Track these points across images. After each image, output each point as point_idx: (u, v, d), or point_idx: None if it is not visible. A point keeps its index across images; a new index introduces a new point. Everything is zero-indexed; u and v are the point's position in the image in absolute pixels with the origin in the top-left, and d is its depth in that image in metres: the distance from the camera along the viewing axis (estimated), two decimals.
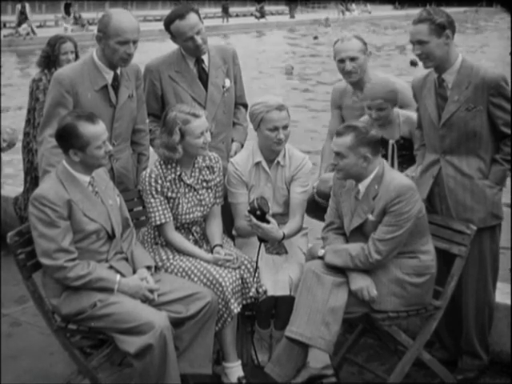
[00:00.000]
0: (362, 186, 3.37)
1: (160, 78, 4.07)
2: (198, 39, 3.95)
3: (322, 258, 3.40)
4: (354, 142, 3.28)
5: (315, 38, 31.67)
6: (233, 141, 4.23)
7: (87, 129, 3.16)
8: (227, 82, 4.17)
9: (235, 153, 4.12)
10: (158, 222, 3.62)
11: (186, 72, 4.09)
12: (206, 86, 4.10)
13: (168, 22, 3.99)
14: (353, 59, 3.97)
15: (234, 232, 3.97)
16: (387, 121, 3.78)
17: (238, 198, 3.79)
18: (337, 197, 3.52)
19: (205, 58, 4.11)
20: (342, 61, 4.00)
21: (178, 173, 3.63)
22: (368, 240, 3.32)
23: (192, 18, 3.93)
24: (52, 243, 3.10)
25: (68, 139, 3.17)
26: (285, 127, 3.68)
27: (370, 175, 3.34)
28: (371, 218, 3.33)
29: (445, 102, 3.51)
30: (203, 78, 4.11)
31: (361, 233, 3.39)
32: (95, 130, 3.18)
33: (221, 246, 3.67)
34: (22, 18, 27.36)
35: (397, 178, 3.33)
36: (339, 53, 4.01)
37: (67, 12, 32.52)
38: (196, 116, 3.54)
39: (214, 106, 4.06)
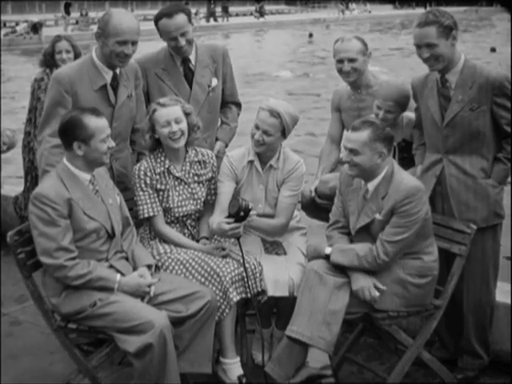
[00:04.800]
0: (371, 186, 3.35)
1: (146, 76, 4.08)
2: (182, 41, 3.96)
3: (327, 256, 3.39)
4: (371, 136, 3.25)
5: (310, 35, 31.69)
6: (217, 139, 4.23)
7: (92, 120, 3.18)
8: (214, 82, 4.18)
9: (218, 151, 4.13)
10: (147, 215, 3.65)
11: (173, 70, 4.11)
12: (191, 85, 4.12)
13: (156, 19, 4.00)
14: (351, 60, 3.93)
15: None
16: (392, 124, 3.76)
17: (222, 188, 3.72)
18: (343, 196, 3.50)
19: (192, 57, 4.13)
20: (340, 61, 3.97)
21: (167, 166, 3.66)
22: (374, 240, 3.31)
23: (180, 18, 3.92)
24: (52, 242, 3.10)
25: (73, 131, 3.17)
26: (265, 132, 3.57)
27: (379, 174, 3.32)
28: (379, 217, 3.31)
29: (448, 102, 3.51)
30: (189, 76, 4.13)
31: (367, 232, 3.38)
32: (100, 123, 3.20)
33: (207, 238, 3.70)
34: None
35: (406, 179, 3.32)
36: (338, 53, 3.98)
37: (67, 12, 32.56)
38: (162, 105, 3.60)
39: (197, 105, 4.06)
